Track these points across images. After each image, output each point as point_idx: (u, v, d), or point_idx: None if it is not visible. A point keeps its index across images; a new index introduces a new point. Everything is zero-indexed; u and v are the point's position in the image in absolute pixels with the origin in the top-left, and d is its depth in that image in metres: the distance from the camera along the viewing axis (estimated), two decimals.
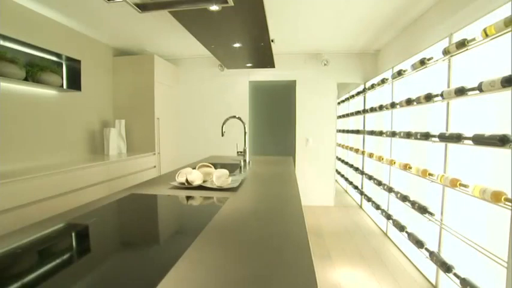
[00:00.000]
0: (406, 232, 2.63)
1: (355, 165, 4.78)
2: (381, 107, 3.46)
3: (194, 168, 1.71)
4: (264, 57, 3.64)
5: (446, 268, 1.91)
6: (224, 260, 0.73)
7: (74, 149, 3.33)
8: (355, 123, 5.04)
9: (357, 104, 4.90)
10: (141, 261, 0.77)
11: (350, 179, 5.14)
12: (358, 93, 4.71)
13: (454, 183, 1.84)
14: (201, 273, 0.67)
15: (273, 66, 4.11)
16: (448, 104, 2.07)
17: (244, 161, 2.25)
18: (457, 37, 1.97)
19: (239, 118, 2.27)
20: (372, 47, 4.14)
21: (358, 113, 4.64)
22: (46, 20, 2.94)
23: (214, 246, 0.82)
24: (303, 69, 4.47)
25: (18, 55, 2.48)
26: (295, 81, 4.52)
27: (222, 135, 2.24)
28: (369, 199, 3.91)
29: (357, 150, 4.58)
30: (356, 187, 4.65)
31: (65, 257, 0.84)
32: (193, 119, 4.77)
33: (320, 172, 4.55)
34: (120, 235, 1.02)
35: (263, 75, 4.57)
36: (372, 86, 3.91)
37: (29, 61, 2.62)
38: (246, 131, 2.32)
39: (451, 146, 2.04)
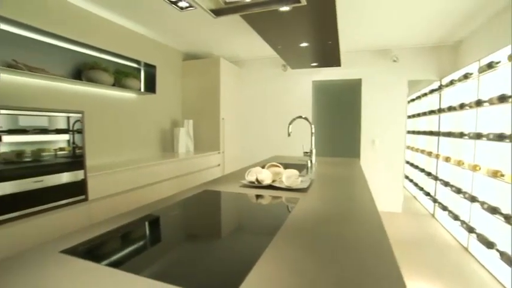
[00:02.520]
0: (497, 250, 2.29)
1: (427, 169, 4.35)
2: (461, 106, 3.08)
3: (263, 167, 1.74)
4: (330, 56, 3.53)
5: None
6: (306, 262, 0.72)
7: (147, 146, 3.67)
8: (427, 123, 4.59)
9: (429, 102, 4.46)
10: (225, 255, 0.80)
11: (420, 185, 4.69)
12: (431, 91, 4.27)
13: None
14: (284, 273, 0.66)
15: (339, 65, 3.95)
16: None
17: (311, 161, 2.21)
18: None
19: (306, 118, 2.23)
20: (451, 38, 3.70)
21: (432, 112, 4.21)
22: (128, 32, 3.30)
23: (293, 246, 0.81)
24: (369, 66, 4.22)
25: (108, 64, 2.84)
26: (360, 79, 4.28)
27: (289, 135, 2.23)
28: (444, 208, 3.52)
29: (429, 153, 4.16)
30: (428, 193, 4.22)
31: (156, 244, 0.92)
32: (256, 119, 4.85)
33: (387, 176, 4.23)
34: (200, 229, 1.08)
35: (327, 74, 4.43)
36: (451, 82, 3.51)
37: (116, 69, 2.97)
38: (313, 131, 2.28)
39: None
